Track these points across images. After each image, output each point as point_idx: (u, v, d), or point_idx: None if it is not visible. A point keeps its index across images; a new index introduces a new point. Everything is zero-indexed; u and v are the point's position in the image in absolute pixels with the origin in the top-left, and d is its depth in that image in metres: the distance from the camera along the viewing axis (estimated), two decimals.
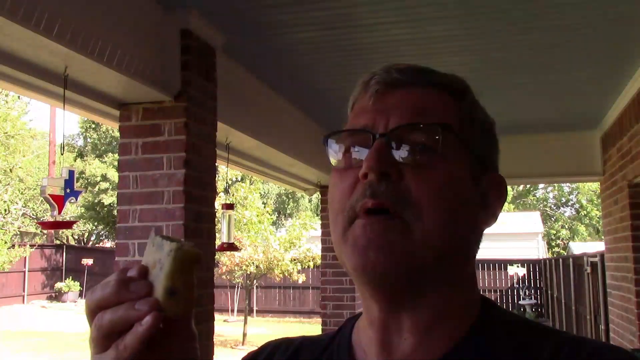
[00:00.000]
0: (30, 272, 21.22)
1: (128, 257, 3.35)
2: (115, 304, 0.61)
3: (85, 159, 26.20)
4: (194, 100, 3.41)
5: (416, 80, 0.78)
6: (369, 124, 0.75)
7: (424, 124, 0.73)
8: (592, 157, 6.57)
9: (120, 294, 0.61)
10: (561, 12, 3.55)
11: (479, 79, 4.89)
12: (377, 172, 0.70)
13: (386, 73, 0.77)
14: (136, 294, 0.61)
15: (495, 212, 0.79)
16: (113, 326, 0.61)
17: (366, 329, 0.79)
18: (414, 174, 0.71)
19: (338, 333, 0.85)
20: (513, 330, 0.75)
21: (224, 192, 5.32)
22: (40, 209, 21.74)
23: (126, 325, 0.60)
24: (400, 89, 0.77)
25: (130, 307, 0.60)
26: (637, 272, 5.29)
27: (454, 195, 0.73)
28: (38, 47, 2.55)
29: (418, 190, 0.71)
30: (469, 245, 0.77)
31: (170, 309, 0.61)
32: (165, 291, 0.61)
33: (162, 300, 0.61)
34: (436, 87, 0.78)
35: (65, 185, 2.88)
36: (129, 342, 0.60)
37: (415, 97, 0.76)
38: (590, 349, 0.71)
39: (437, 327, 0.75)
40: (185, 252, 0.63)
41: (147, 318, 0.59)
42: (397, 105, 0.75)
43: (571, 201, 34.88)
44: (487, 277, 19.34)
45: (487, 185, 0.78)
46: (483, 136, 0.80)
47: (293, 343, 0.87)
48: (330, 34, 3.84)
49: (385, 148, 0.72)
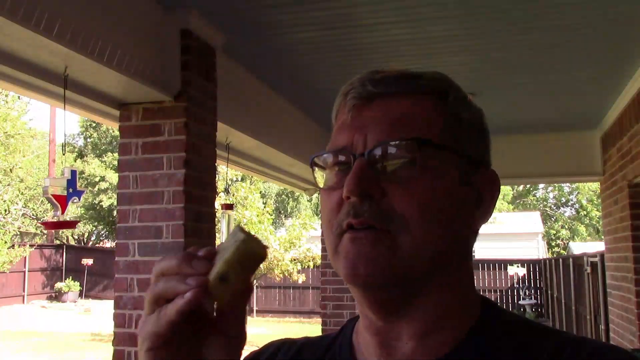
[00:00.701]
0: (30, 272, 21.22)
1: (128, 257, 3.35)
2: (174, 274, 0.63)
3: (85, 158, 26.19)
4: (194, 100, 3.41)
5: (393, 90, 0.76)
6: (348, 143, 0.74)
7: (399, 142, 0.72)
8: (592, 157, 6.57)
9: (181, 266, 0.63)
10: (561, 12, 3.55)
11: (479, 79, 4.89)
12: (357, 194, 0.71)
13: (362, 86, 0.76)
14: (194, 270, 0.63)
15: (489, 209, 0.78)
16: (162, 293, 0.63)
17: (366, 335, 0.79)
18: (396, 190, 0.71)
19: (340, 334, 0.86)
20: (513, 330, 0.75)
21: (224, 192, 5.32)
22: (41, 209, 21.72)
23: (173, 295, 0.62)
24: (377, 100, 0.76)
25: (182, 280, 0.62)
26: (637, 272, 5.29)
27: (440, 204, 0.72)
28: (38, 47, 2.56)
29: (401, 205, 0.70)
30: (463, 247, 0.76)
31: (217, 293, 0.62)
32: (217, 275, 0.62)
33: (212, 282, 0.62)
34: (415, 92, 0.77)
35: (67, 185, 2.88)
36: (168, 310, 0.62)
37: (393, 108, 0.75)
38: (591, 349, 0.71)
39: (436, 330, 0.75)
40: (249, 247, 0.64)
41: (188, 293, 0.61)
42: (374, 120, 0.74)
43: (571, 201, 34.88)
44: (487, 277, 19.33)
45: (479, 183, 0.77)
46: (471, 134, 0.78)
47: (295, 343, 0.87)
48: (330, 34, 3.84)
49: (365, 168, 0.71)
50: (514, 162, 6.76)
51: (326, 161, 0.78)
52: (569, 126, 6.45)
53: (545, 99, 5.51)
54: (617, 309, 6.18)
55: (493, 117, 6.21)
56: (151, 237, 3.31)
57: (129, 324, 3.31)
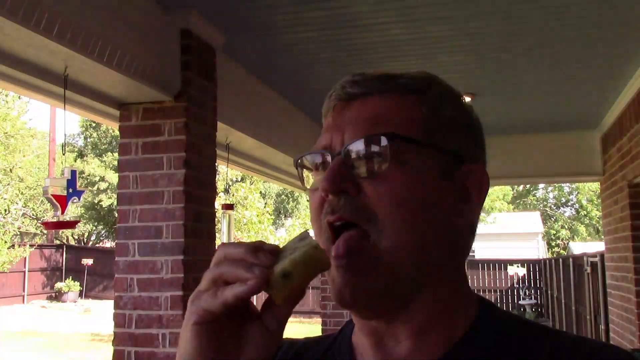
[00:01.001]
0: (30, 272, 21.21)
1: (128, 257, 3.35)
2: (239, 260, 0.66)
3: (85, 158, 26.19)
4: (194, 100, 3.41)
5: (371, 89, 0.77)
6: (327, 143, 0.76)
7: (370, 137, 0.72)
8: (592, 157, 6.57)
9: (247, 255, 0.65)
10: (561, 13, 3.55)
11: (479, 79, 4.89)
12: (332, 191, 0.72)
13: (341, 88, 0.78)
14: (259, 261, 0.65)
15: (478, 204, 0.77)
16: (224, 275, 0.65)
17: (359, 333, 0.79)
18: (371, 186, 0.72)
19: (339, 334, 0.86)
20: (511, 330, 0.75)
21: (224, 192, 5.33)
22: (41, 209, 21.72)
23: (234, 280, 0.64)
24: (356, 101, 0.77)
25: (247, 267, 0.64)
26: (637, 272, 5.29)
27: (416, 199, 0.72)
28: (38, 47, 2.56)
29: (376, 201, 0.71)
30: (451, 242, 0.76)
31: (276, 287, 0.65)
32: (282, 271, 0.65)
33: (274, 276, 0.65)
34: (393, 90, 0.77)
35: (67, 185, 2.88)
36: (226, 292, 0.64)
37: (370, 107, 0.76)
38: (589, 349, 0.71)
39: (432, 329, 0.75)
40: (318, 254, 0.66)
41: (251, 281, 0.63)
42: (352, 120, 0.75)
43: (571, 201, 34.86)
44: (487, 277, 19.33)
45: (464, 178, 0.76)
46: (453, 128, 0.77)
47: (296, 344, 0.88)
48: (330, 34, 3.84)
49: (341, 166, 0.73)
50: (513, 162, 6.76)
51: (312, 162, 0.79)
52: (569, 126, 6.45)
53: (545, 99, 5.51)
54: (617, 309, 6.18)
55: (493, 117, 6.25)
56: (151, 237, 3.31)
57: (129, 324, 3.30)
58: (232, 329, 0.68)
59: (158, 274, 3.27)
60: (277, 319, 0.68)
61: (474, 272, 19.44)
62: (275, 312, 0.68)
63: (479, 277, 19.37)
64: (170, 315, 3.23)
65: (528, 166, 6.75)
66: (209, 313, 0.65)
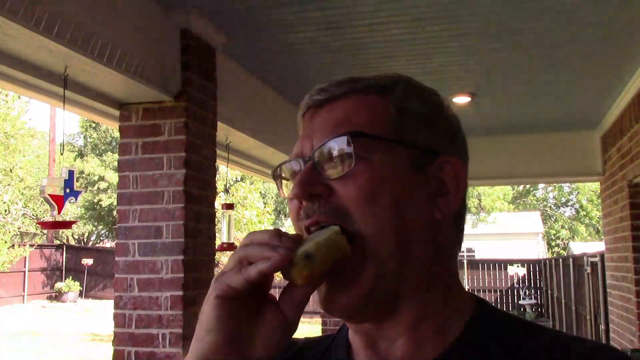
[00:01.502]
0: (30, 272, 21.22)
1: (128, 257, 3.35)
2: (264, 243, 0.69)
3: (85, 158, 26.19)
4: (194, 100, 3.41)
5: (337, 94, 0.79)
6: (299, 152, 0.79)
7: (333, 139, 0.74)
8: (592, 157, 6.57)
9: (272, 239, 0.69)
10: (561, 13, 3.55)
11: (479, 79, 4.89)
12: (303, 197, 0.74)
13: (309, 97, 0.80)
14: (283, 244, 0.68)
15: (456, 196, 0.77)
16: (249, 256, 0.68)
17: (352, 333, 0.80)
18: (341, 186, 0.73)
19: (338, 334, 0.87)
20: (507, 330, 0.76)
21: (224, 192, 5.32)
22: (41, 209, 21.71)
23: (259, 259, 0.68)
24: (324, 107, 0.79)
25: (270, 249, 0.68)
26: (637, 272, 5.29)
27: (386, 194, 0.72)
28: (38, 47, 2.56)
29: (347, 200, 0.72)
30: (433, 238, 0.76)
31: (297, 269, 0.68)
32: (304, 252, 0.68)
33: (297, 256, 0.68)
34: (358, 92, 0.78)
35: (65, 185, 2.88)
36: (249, 269, 0.67)
37: (336, 111, 0.77)
38: (582, 349, 0.71)
39: (424, 327, 0.75)
40: (340, 240, 0.69)
41: (274, 257, 0.66)
42: (319, 125, 0.77)
43: (571, 201, 34.85)
44: (487, 277, 19.33)
45: (437, 171, 0.77)
46: (422, 123, 0.78)
47: (296, 344, 0.88)
48: (330, 34, 3.84)
49: (310, 171, 0.74)
50: (514, 162, 6.76)
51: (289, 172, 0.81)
52: (569, 126, 6.45)
53: (545, 99, 5.51)
54: (617, 309, 6.18)
55: (493, 117, 6.25)
56: (151, 237, 3.31)
57: (129, 324, 3.30)
58: (251, 310, 0.70)
59: (158, 274, 3.27)
60: (294, 307, 0.70)
61: (474, 272, 19.45)
62: (293, 300, 0.70)
63: (479, 277, 19.37)
64: (170, 315, 3.23)
65: (528, 166, 6.75)
66: (231, 288, 0.68)
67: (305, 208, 0.75)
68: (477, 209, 27.40)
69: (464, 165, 0.80)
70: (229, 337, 0.68)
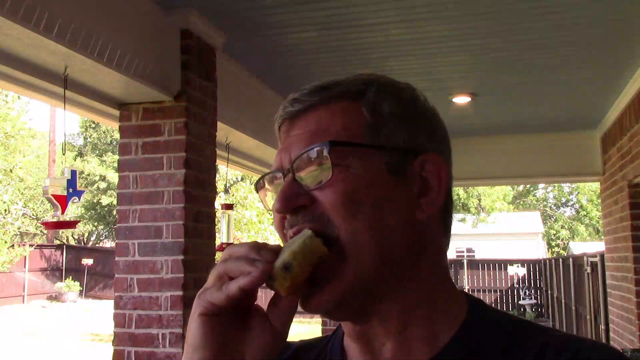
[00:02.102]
0: (30, 272, 21.22)
1: (128, 257, 3.35)
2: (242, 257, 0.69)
3: (84, 158, 26.18)
4: (194, 100, 3.41)
5: (311, 104, 0.78)
6: (278, 165, 0.79)
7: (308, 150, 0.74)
8: (592, 157, 6.57)
9: (250, 252, 0.69)
10: (561, 12, 3.55)
11: (479, 79, 4.89)
12: (284, 212, 0.75)
13: (283, 109, 0.80)
14: (261, 257, 0.68)
15: (439, 193, 0.77)
16: (229, 271, 0.69)
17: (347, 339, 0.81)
18: (321, 194, 0.73)
19: (333, 335, 0.87)
20: (502, 329, 0.75)
21: (224, 192, 5.32)
22: (41, 209, 21.72)
23: (238, 274, 0.68)
24: (299, 118, 0.79)
25: (249, 263, 0.68)
26: (637, 272, 5.29)
27: (366, 199, 0.73)
28: (38, 47, 2.56)
29: (328, 208, 0.73)
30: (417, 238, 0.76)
31: (278, 280, 0.68)
32: (282, 263, 0.68)
33: (276, 269, 0.68)
34: (330, 100, 0.78)
35: (67, 185, 2.88)
36: (230, 285, 0.67)
37: (311, 121, 0.78)
38: (576, 348, 0.71)
39: (412, 329, 0.75)
40: (314, 243, 0.70)
41: (253, 272, 0.67)
42: (296, 137, 0.78)
43: (571, 201, 34.85)
44: (487, 277, 19.33)
45: (418, 170, 0.76)
46: (398, 124, 0.77)
47: (290, 347, 0.89)
48: (330, 34, 3.84)
49: (291, 184, 0.75)
50: (513, 162, 6.76)
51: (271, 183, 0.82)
52: (569, 126, 6.44)
53: (545, 99, 5.51)
54: (617, 309, 6.17)
55: (493, 117, 6.25)
56: (151, 237, 3.31)
57: (129, 324, 3.30)
58: (238, 325, 0.70)
59: (158, 274, 3.27)
60: (282, 318, 0.70)
61: (474, 272, 19.45)
62: (280, 311, 0.70)
63: (479, 277, 19.37)
64: (170, 315, 3.23)
65: (528, 166, 6.75)
66: (214, 305, 0.68)
67: (289, 220, 0.76)
68: (477, 209, 27.39)
69: (446, 160, 0.80)
70: (217, 353, 0.68)
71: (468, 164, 6.34)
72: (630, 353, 4.83)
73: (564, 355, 0.70)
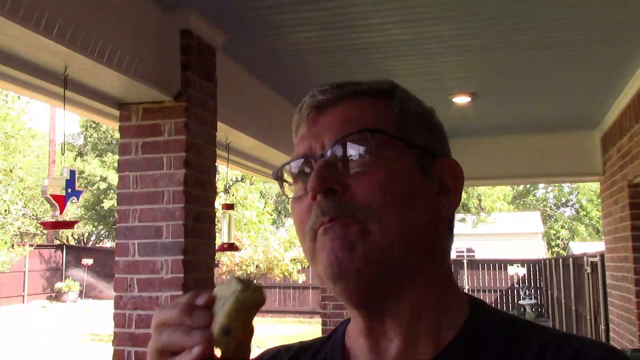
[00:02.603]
0: (30, 272, 21.21)
1: (128, 257, 3.35)
2: (176, 325, 0.65)
3: (84, 158, 26.18)
4: (194, 100, 3.41)
5: (341, 95, 0.80)
6: (307, 150, 0.79)
7: (352, 133, 0.75)
8: (592, 157, 6.57)
9: (182, 318, 0.65)
10: (561, 12, 3.55)
11: (479, 79, 4.89)
12: (320, 191, 0.73)
13: (312, 97, 0.81)
14: (196, 322, 0.64)
15: (455, 196, 0.80)
16: (168, 345, 0.65)
17: (356, 337, 0.80)
18: (357, 181, 0.74)
19: (331, 336, 0.87)
20: (502, 330, 0.76)
21: (224, 192, 5.32)
22: (41, 209, 21.72)
23: (179, 349, 0.64)
24: (329, 108, 0.80)
25: (187, 333, 0.64)
26: (637, 272, 5.29)
27: (400, 189, 0.74)
28: (38, 47, 2.56)
29: (363, 194, 0.73)
30: (433, 235, 0.78)
31: (222, 346, 0.64)
32: (220, 328, 0.64)
33: (216, 335, 0.64)
34: (361, 95, 0.80)
35: (66, 185, 2.88)
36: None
37: (343, 111, 0.79)
38: (575, 346, 0.72)
39: (421, 327, 0.76)
40: (247, 296, 0.66)
41: (195, 348, 0.63)
42: (328, 124, 0.78)
43: (571, 201, 34.85)
44: (487, 277, 19.33)
45: (440, 172, 0.79)
46: (421, 127, 0.81)
47: (291, 350, 0.88)
48: (330, 34, 3.84)
49: (325, 167, 0.74)
50: (513, 162, 6.76)
51: (291, 173, 0.81)
52: (569, 126, 6.45)
53: (545, 99, 5.51)
54: (617, 309, 6.17)
55: (493, 117, 6.25)
56: (151, 237, 3.31)
57: (129, 324, 3.30)
58: None
59: (158, 274, 3.27)
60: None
61: (474, 272, 19.45)
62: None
63: (479, 277, 19.37)
64: None
65: (528, 166, 6.75)
66: None
67: (320, 204, 0.74)
68: (477, 209, 27.39)
69: (461, 167, 0.83)
70: None
71: (468, 164, 6.25)
72: (630, 353, 4.83)
73: (564, 354, 0.71)
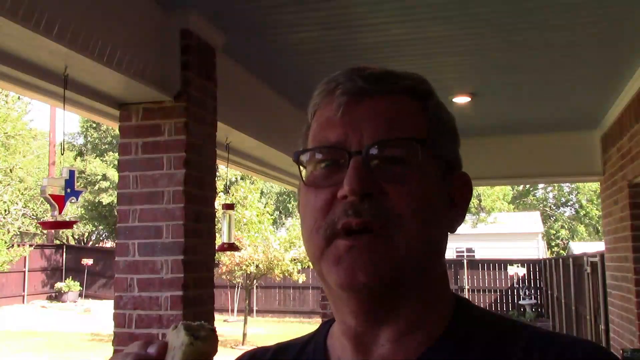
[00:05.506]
0: (30, 272, 21.21)
1: (128, 257, 3.35)
2: None
3: (85, 157, 26.18)
4: (194, 100, 3.41)
5: (381, 88, 0.76)
6: (341, 139, 0.73)
7: (400, 140, 0.73)
8: (592, 157, 6.57)
9: None
10: (561, 12, 3.55)
11: (479, 79, 4.89)
12: (360, 193, 0.70)
13: (351, 82, 0.76)
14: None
15: (463, 210, 0.80)
16: None
17: (340, 337, 0.79)
18: (395, 189, 0.71)
19: (313, 337, 0.86)
20: (487, 328, 0.76)
21: (224, 192, 5.32)
22: (41, 209, 21.71)
23: None
24: (366, 98, 0.75)
25: None
26: (637, 272, 5.29)
27: (429, 204, 0.73)
28: (38, 47, 2.56)
29: (400, 205, 0.71)
30: (443, 249, 0.78)
31: None
32: None
33: None
34: (402, 93, 0.77)
35: (65, 185, 2.88)
36: None
37: (384, 107, 0.75)
38: (561, 344, 0.72)
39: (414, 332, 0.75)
40: (196, 348, 0.64)
41: None
42: (367, 117, 0.74)
43: (571, 201, 34.84)
44: (487, 277, 19.33)
45: (454, 185, 0.79)
46: (449, 137, 0.80)
47: (269, 350, 0.87)
48: (330, 34, 3.84)
49: (363, 166, 0.71)
50: (513, 162, 6.76)
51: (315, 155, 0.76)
52: (569, 126, 6.44)
53: (545, 99, 5.51)
54: (617, 309, 6.17)
55: (493, 117, 6.25)
56: (151, 237, 3.31)
57: (129, 324, 3.30)
58: None
59: (158, 274, 3.27)
60: None
61: (474, 272, 19.44)
62: None
63: (479, 277, 19.37)
64: (170, 315, 3.23)
65: (528, 166, 6.75)
66: None
67: (353, 204, 0.70)
68: (477, 209, 27.39)
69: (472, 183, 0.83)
70: None
71: (468, 164, 6.17)
72: (630, 353, 4.83)
73: (550, 353, 0.70)
